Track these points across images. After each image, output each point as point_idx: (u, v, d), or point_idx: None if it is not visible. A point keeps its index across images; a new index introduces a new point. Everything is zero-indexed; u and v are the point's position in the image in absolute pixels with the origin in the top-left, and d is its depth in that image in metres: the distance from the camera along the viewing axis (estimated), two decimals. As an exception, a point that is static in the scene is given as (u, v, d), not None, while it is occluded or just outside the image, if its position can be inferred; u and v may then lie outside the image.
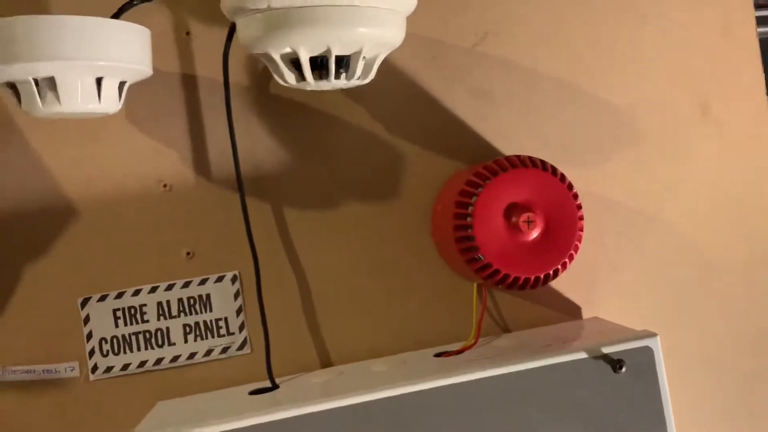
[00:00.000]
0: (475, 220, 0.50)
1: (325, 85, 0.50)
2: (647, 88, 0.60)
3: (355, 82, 0.50)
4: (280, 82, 0.50)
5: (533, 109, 0.59)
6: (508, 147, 0.59)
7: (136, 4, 0.52)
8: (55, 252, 0.55)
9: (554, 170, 0.52)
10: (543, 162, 0.52)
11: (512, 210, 0.50)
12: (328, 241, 0.58)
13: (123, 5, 0.51)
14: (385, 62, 0.57)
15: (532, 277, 0.50)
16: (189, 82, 0.57)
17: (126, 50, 0.47)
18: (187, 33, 0.56)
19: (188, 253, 0.57)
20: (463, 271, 0.55)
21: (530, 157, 0.52)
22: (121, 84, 0.49)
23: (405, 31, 0.50)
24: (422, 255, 0.58)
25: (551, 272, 0.51)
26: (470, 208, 0.51)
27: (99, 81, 0.47)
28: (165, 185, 0.57)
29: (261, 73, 0.57)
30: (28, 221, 0.55)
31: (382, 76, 0.56)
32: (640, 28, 0.60)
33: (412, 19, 0.51)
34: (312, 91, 0.57)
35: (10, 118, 0.55)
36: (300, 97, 0.58)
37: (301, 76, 0.50)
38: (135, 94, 0.54)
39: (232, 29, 0.54)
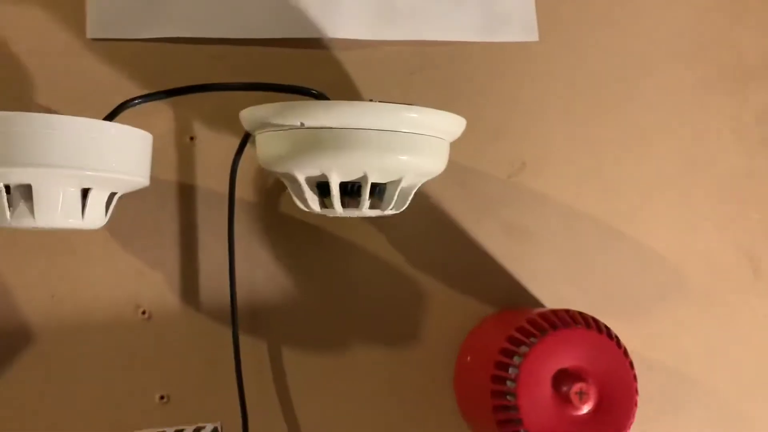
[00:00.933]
0: (519, 388, 0.42)
1: (353, 213, 0.43)
2: (695, 240, 0.55)
3: (388, 212, 0.43)
4: (301, 206, 0.43)
5: (572, 251, 0.53)
6: (544, 293, 0.52)
7: (137, 103, 0.44)
8: (-3, 385, 0.45)
9: (609, 332, 0.45)
10: (596, 321, 0.45)
11: (562, 378, 0.43)
12: (331, 391, 0.49)
13: (121, 104, 0.44)
14: (412, 188, 0.51)
15: (583, 462, 0.42)
16: (187, 194, 0.49)
17: (122, 159, 0.39)
18: (191, 138, 0.49)
19: (162, 397, 0.47)
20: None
21: (581, 314, 0.45)
22: (111, 195, 0.41)
23: (447, 160, 0.44)
24: (441, 415, 0.50)
25: (604, 455, 0.43)
26: (512, 372, 0.43)
27: (85, 192, 0.39)
28: (143, 312, 0.48)
29: (271, 188, 0.50)
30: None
31: (407, 202, 0.50)
32: (691, 174, 0.55)
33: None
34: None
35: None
36: (312, 219, 0.50)
37: (324, 202, 0.43)
38: (122, 203, 0.46)
39: (246, 139, 0.47)
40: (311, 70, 0.51)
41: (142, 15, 0.49)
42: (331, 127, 0.38)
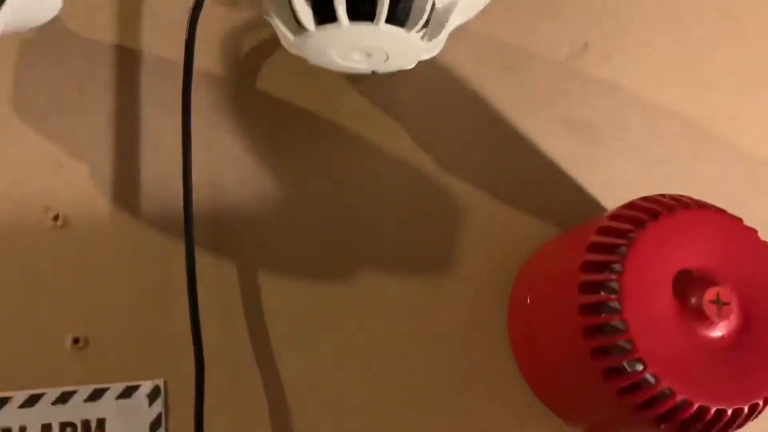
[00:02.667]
0: (624, 296, 0.27)
1: (363, 29, 0.29)
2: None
3: (414, 35, 0.29)
4: (287, 35, 0.29)
5: (654, 154, 0.40)
6: (619, 204, 0.38)
7: None
8: None
9: (740, 221, 0.30)
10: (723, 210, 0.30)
11: (687, 282, 0.28)
12: (330, 340, 0.34)
13: None
14: (439, 66, 0.37)
15: (729, 410, 0.27)
16: (128, 59, 0.35)
17: None
18: (137, -16, 0.36)
19: (76, 340, 0.32)
20: (577, 404, 0.31)
21: (699, 202, 0.31)
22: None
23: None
24: (494, 375, 0.34)
25: (761, 401, 0.27)
26: (612, 275, 0.28)
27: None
28: (56, 217, 0.33)
29: (246, 56, 0.36)
30: None
31: (432, 84, 0.37)
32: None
33: (485, 15, 0.33)
34: (323, 92, 0.36)
35: None
36: (302, 101, 0.36)
37: (322, 17, 0.29)
38: (38, 68, 0.32)
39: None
40: None
41: None
42: None
